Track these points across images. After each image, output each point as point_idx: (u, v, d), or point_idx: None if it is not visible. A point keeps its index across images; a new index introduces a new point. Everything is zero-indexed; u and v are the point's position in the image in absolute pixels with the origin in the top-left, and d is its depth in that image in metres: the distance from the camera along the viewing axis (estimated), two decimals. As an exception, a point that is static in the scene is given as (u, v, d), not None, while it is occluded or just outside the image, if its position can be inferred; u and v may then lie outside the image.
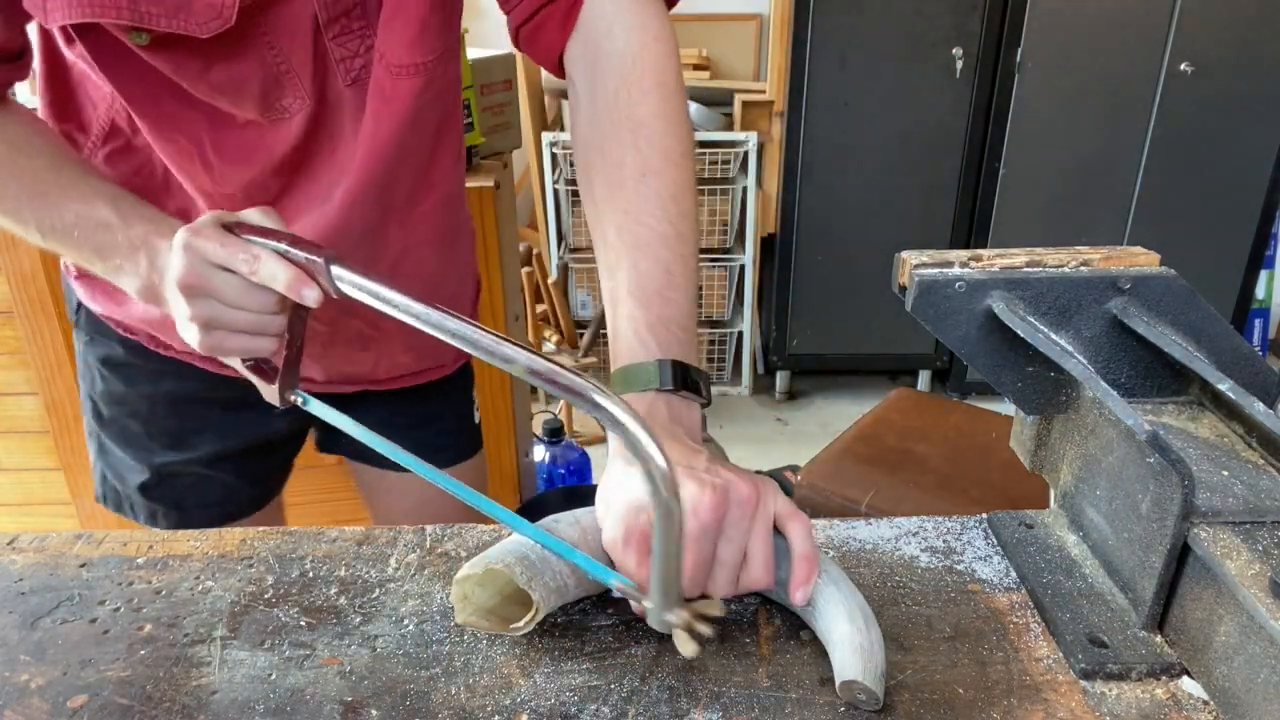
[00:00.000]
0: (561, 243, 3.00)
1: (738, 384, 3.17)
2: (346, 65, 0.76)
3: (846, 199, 2.84)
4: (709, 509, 0.54)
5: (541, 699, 0.53)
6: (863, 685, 0.51)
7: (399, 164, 0.81)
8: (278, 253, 0.62)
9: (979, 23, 2.61)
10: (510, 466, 1.92)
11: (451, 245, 0.96)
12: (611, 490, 0.59)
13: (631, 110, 0.70)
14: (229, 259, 0.63)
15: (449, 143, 0.88)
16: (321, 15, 0.73)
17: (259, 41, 0.71)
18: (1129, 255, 0.65)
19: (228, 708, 0.53)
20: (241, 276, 0.63)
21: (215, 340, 0.66)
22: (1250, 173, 2.72)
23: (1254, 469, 0.57)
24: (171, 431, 0.96)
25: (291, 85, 0.75)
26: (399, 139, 0.79)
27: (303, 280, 0.62)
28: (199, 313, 0.64)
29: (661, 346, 0.64)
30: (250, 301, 0.64)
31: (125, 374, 0.94)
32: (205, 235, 0.63)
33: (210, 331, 0.65)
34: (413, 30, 0.75)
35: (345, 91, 0.77)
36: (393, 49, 0.75)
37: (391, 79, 0.76)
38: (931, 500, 1.56)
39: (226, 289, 0.63)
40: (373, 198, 0.81)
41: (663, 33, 0.73)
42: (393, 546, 0.67)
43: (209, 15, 0.67)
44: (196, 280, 0.63)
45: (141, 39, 0.68)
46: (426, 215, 0.89)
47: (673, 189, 0.69)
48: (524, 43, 0.78)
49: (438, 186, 0.88)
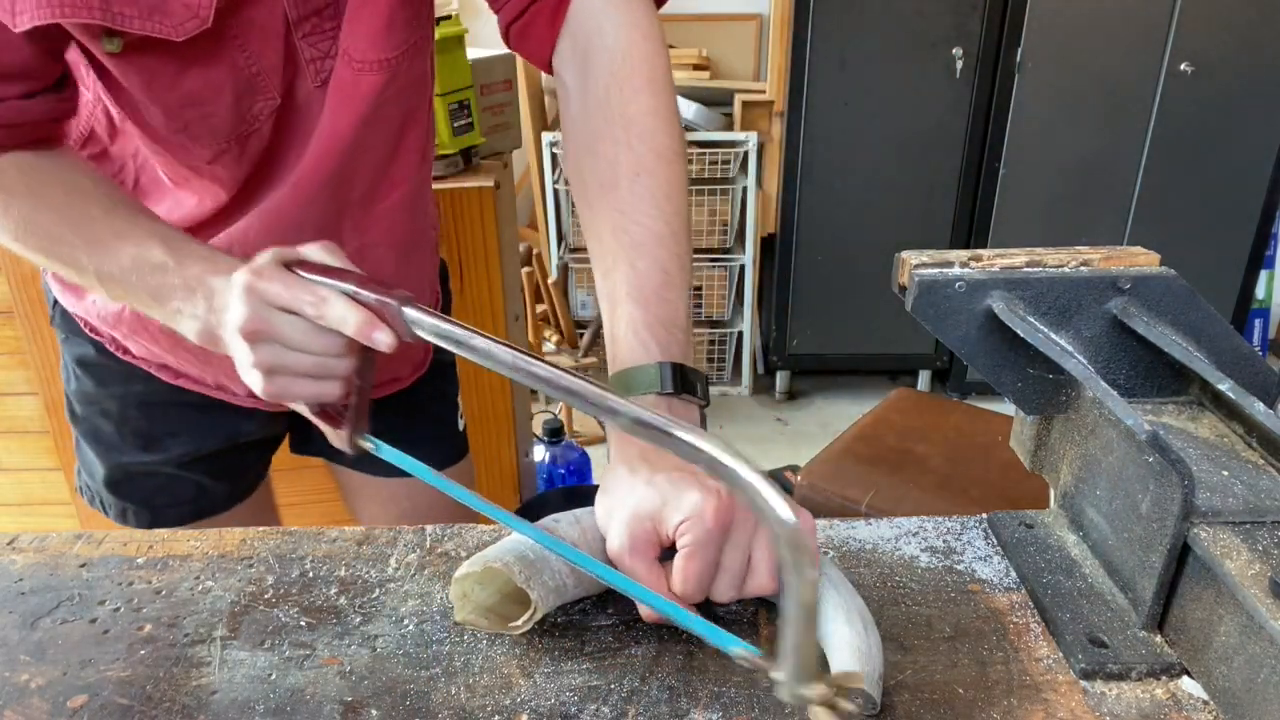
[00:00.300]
0: (561, 243, 3.00)
1: (738, 384, 3.17)
2: (317, 66, 0.74)
3: (846, 199, 2.84)
4: (713, 517, 0.54)
5: (541, 699, 0.53)
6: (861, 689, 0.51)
7: (356, 160, 0.79)
8: (345, 294, 0.59)
9: (979, 23, 2.61)
10: (510, 466, 1.92)
11: (412, 250, 0.93)
12: (615, 497, 0.58)
13: (623, 108, 0.70)
14: (295, 302, 0.60)
15: (412, 140, 0.86)
16: (291, 14, 0.71)
17: (231, 45, 0.70)
18: (1129, 255, 0.65)
19: (228, 708, 0.53)
20: (307, 319, 0.60)
21: (279, 387, 0.62)
22: (1250, 173, 2.72)
23: (1254, 469, 0.57)
24: (142, 433, 0.95)
25: (263, 88, 0.73)
26: (356, 135, 0.78)
27: (374, 324, 0.58)
28: (263, 359, 0.61)
29: (661, 348, 0.63)
30: (316, 345, 0.61)
31: (97, 374, 0.93)
32: (268, 277, 0.60)
33: (273, 378, 0.62)
34: (379, 24, 0.74)
35: (315, 92, 0.76)
36: (357, 44, 0.74)
37: (354, 74, 0.75)
38: (931, 500, 1.56)
39: (291, 333, 0.60)
40: (328, 191, 0.80)
41: (651, 30, 0.72)
42: (393, 546, 0.67)
43: (185, 16, 0.65)
44: (260, 325, 0.60)
45: (114, 45, 0.66)
46: (384, 214, 0.87)
47: (666, 188, 0.68)
48: (514, 41, 0.77)
49: (399, 185, 0.87)
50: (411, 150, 0.87)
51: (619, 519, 0.57)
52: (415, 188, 0.90)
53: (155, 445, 0.95)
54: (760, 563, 0.57)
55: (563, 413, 2.63)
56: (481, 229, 1.71)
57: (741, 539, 0.56)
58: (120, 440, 0.95)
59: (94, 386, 0.93)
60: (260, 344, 0.61)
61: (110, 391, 0.93)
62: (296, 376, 0.62)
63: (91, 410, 0.95)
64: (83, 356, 0.93)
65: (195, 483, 0.98)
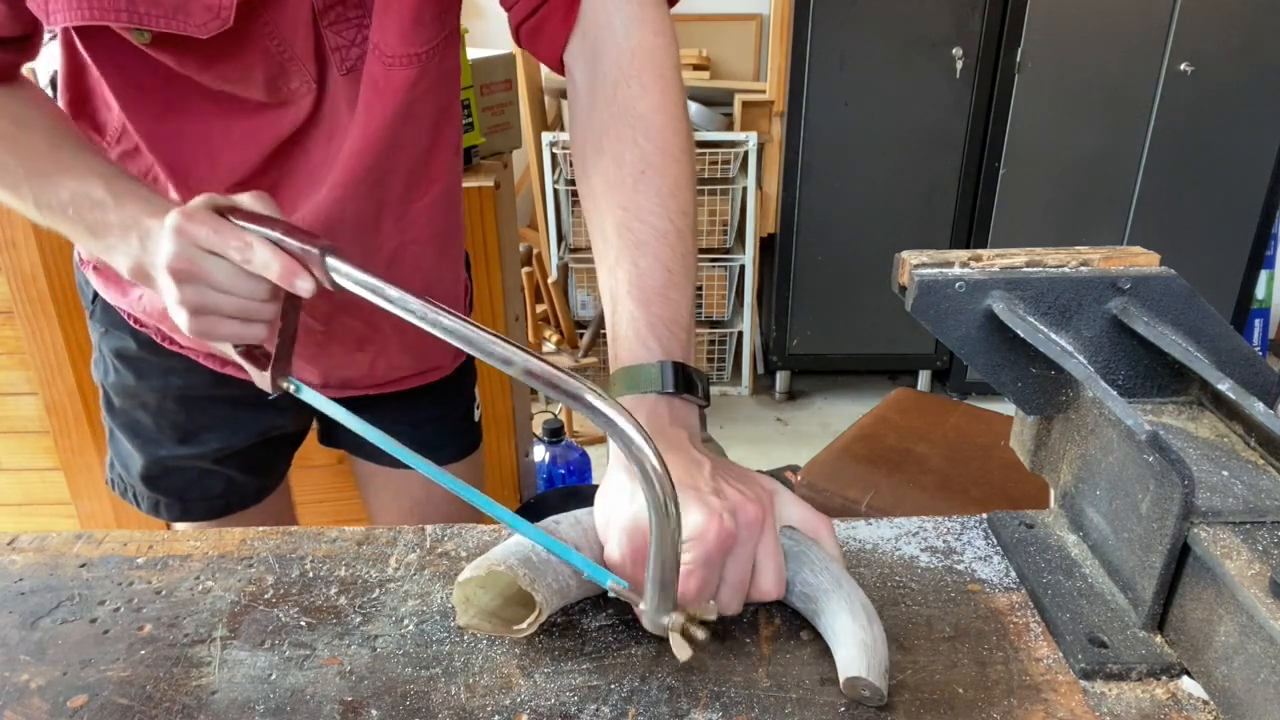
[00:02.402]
0: (561, 243, 3.00)
1: (738, 384, 3.17)
2: (341, 54, 0.76)
3: (846, 199, 2.84)
4: (714, 540, 0.54)
5: (541, 699, 0.53)
6: (867, 681, 0.51)
7: (392, 157, 0.81)
8: (271, 240, 0.62)
9: (979, 23, 2.61)
10: (510, 466, 1.92)
11: (448, 244, 0.95)
12: (613, 504, 0.58)
13: (631, 104, 0.70)
14: (220, 245, 0.62)
15: (447, 136, 0.87)
16: (317, 3, 0.73)
17: (260, 33, 0.72)
18: (1129, 255, 0.65)
19: (228, 708, 0.53)
20: (233, 263, 0.62)
21: (204, 325, 0.65)
22: (1250, 173, 2.72)
23: (1254, 469, 0.57)
24: (179, 426, 0.97)
25: (297, 71, 0.75)
26: (392, 131, 0.79)
27: (296, 270, 0.61)
28: (188, 297, 0.64)
29: (663, 348, 0.63)
30: (241, 288, 0.64)
31: (136, 367, 0.95)
32: (197, 219, 0.62)
33: (199, 317, 0.65)
34: (407, 19, 0.74)
35: (341, 80, 0.77)
36: (386, 39, 0.75)
37: (385, 69, 0.76)
38: (931, 500, 1.56)
39: (217, 274, 0.63)
40: (364, 190, 0.81)
41: (662, 27, 0.72)
42: (393, 546, 0.67)
43: (207, 16, 0.67)
44: (187, 265, 0.63)
45: (144, 37, 0.68)
46: (423, 210, 0.88)
47: (672, 185, 0.68)
48: (525, 40, 0.77)
49: (436, 181, 0.88)
50: (447, 145, 0.88)
51: (618, 527, 0.57)
52: (451, 182, 0.91)
53: (191, 439, 0.97)
54: (765, 571, 0.57)
55: (563, 413, 2.63)
56: (481, 229, 1.71)
57: (745, 552, 0.56)
58: (158, 433, 0.97)
59: (134, 380, 0.95)
60: (186, 283, 0.63)
61: (149, 385, 0.95)
62: (221, 317, 0.65)
63: (130, 403, 0.97)
64: (122, 349, 0.95)
65: (226, 477, 1.00)
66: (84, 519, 1.81)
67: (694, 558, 0.54)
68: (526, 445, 2.01)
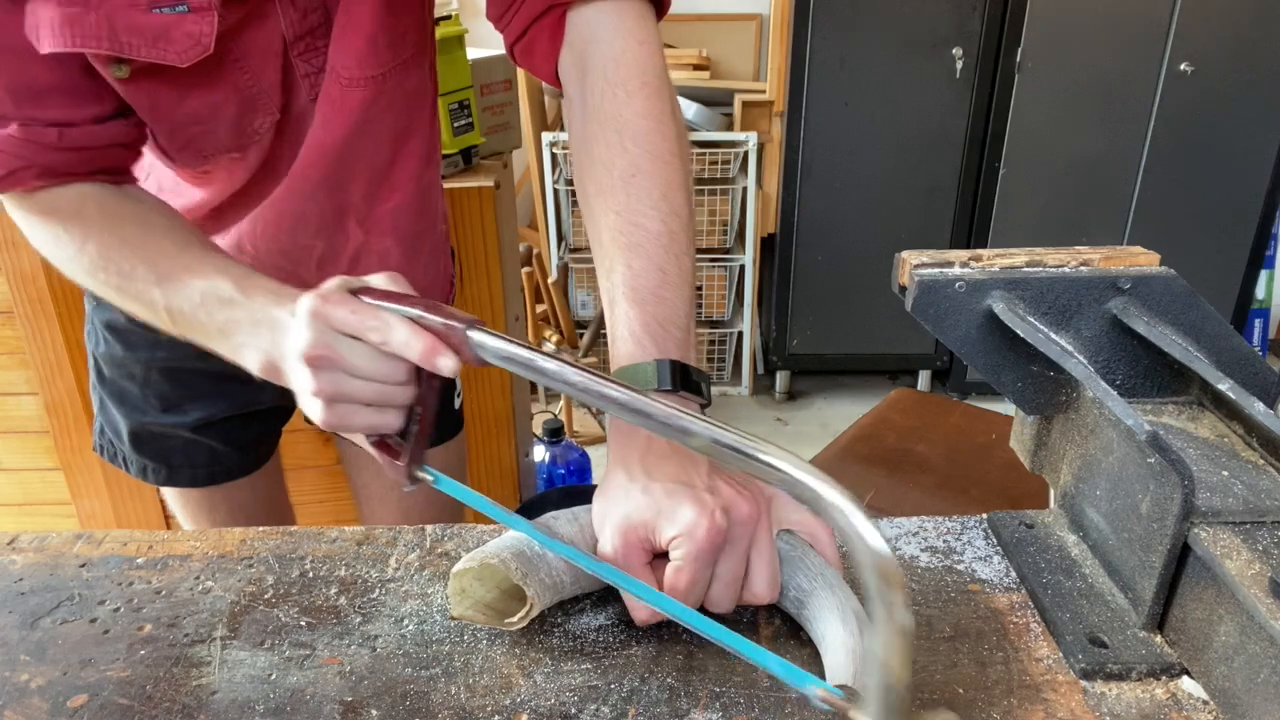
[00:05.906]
0: (561, 243, 3.00)
1: (738, 384, 3.17)
2: (311, 81, 0.79)
3: (846, 199, 2.84)
4: (705, 536, 0.54)
5: (541, 699, 0.53)
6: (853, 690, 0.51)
7: (350, 167, 0.84)
8: (411, 318, 0.58)
9: (979, 23, 2.61)
10: (510, 466, 1.92)
11: (418, 244, 0.98)
12: (611, 501, 0.59)
13: (617, 111, 0.71)
14: (359, 326, 0.58)
15: (412, 149, 0.90)
16: (288, 33, 0.75)
17: (232, 67, 0.74)
18: (1129, 255, 0.65)
19: (228, 708, 0.53)
20: (371, 345, 0.58)
21: (339, 415, 0.60)
22: (1250, 173, 2.72)
23: (1254, 469, 0.57)
24: (163, 396, 1.01)
25: (263, 105, 0.78)
26: (347, 144, 0.82)
27: (438, 348, 0.57)
28: (323, 386, 0.59)
29: (659, 347, 0.63)
30: (379, 372, 0.59)
31: (125, 339, 0.99)
32: (334, 301, 0.59)
33: (334, 405, 0.60)
34: (360, 44, 0.78)
35: (309, 105, 0.80)
36: (343, 61, 0.78)
37: (341, 90, 0.79)
38: (931, 500, 1.56)
39: (353, 358, 0.58)
40: (324, 193, 0.85)
41: (646, 36, 0.74)
42: (393, 546, 0.67)
43: (188, 44, 0.68)
44: (324, 351, 0.58)
45: (122, 72, 0.69)
46: (389, 214, 0.91)
47: (663, 187, 0.69)
48: (520, 58, 0.80)
49: (400, 189, 0.91)
50: (413, 157, 0.90)
51: (612, 522, 0.57)
52: (420, 190, 0.94)
53: (173, 409, 1.02)
54: (758, 573, 0.57)
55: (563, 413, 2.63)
56: (481, 229, 1.71)
57: (739, 548, 0.56)
58: (144, 402, 1.02)
59: (122, 350, 1.00)
60: (322, 371, 0.59)
61: (136, 356, 0.99)
62: (357, 405, 0.60)
63: (119, 373, 1.01)
64: (112, 321, 0.99)
65: (209, 447, 1.04)
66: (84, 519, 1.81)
67: (684, 553, 0.54)
68: (526, 445, 2.01)
